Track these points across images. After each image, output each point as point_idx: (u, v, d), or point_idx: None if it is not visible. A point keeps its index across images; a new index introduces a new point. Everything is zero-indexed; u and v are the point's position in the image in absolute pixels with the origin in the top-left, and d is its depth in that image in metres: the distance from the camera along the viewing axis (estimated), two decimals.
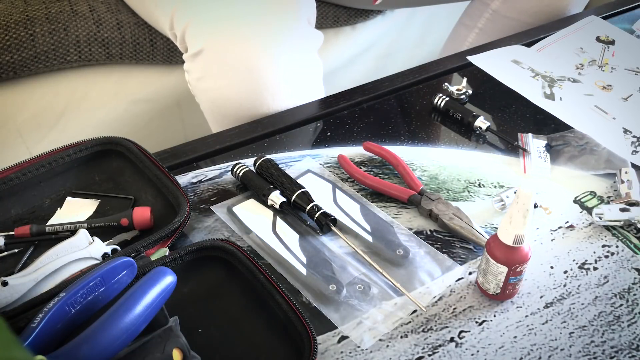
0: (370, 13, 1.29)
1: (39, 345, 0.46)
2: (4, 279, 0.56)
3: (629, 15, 1.13)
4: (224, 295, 0.60)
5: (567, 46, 1.01)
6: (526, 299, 0.61)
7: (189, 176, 0.75)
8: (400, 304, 0.60)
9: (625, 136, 0.83)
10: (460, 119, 0.84)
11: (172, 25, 0.87)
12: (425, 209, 0.69)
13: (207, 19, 0.83)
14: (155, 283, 0.49)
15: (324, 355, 0.56)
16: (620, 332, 0.59)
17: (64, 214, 0.68)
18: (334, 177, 0.75)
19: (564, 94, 0.90)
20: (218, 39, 0.81)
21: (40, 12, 0.99)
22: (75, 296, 0.49)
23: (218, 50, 0.82)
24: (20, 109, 1.03)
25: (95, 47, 1.03)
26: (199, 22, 0.83)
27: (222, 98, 0.85)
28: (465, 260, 0.65)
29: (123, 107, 1.10)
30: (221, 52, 0.81)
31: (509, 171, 0.77)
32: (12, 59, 0.97)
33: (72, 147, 0.71)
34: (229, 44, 0.81)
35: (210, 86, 0.85)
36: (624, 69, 0.97)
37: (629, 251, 0.67)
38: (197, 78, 0.86)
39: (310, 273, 0.62)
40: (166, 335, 0.50)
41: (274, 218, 0.69)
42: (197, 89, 0.88)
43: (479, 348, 0.57)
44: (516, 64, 0.95)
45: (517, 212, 0.54)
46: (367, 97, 0.89)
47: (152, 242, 0.62)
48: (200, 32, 0.83)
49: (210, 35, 0.82)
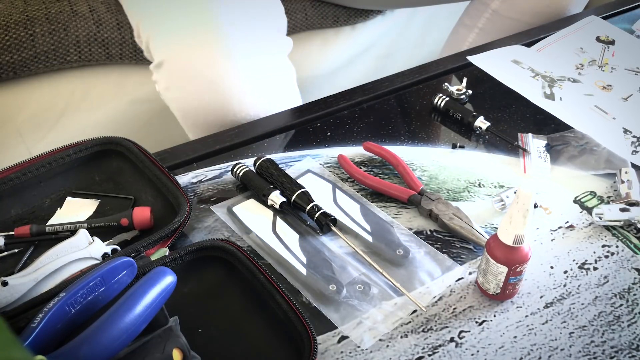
0: (370, 13, 1.29)
1: (39, 345, 0.46)
2: (4, 279, 0.56)
3: (629, 15, 1.13)
4: (224, 295, 0.60)
5: (567, 46, 1.01)
6: (526, 299, 0.61)
7: (189, 176, 0.75)
8: (400, 304, 0.60)
9: (625, 136, 0.83)
10: (460, 119, 0.84)
11: (139, 35, 0.89)
12: (425, 209, 0.69)
13: (167, 30, 0.83)
14: (155, 283, 0.49)
15: (324, 355, 0.56)
16: (620, 332, 0.59)
17: (64, 214, 0.68)
18: (334, 177, 0.75)
19: (564, 94, 0.90)
20: (178, 49, 0.82)
21: (40, 12, 0.99)
22: (75, 296, 0.49)
23: (179, 61, 0.82)
24: (20, 109, 1.03)
25: (95, 47, 1.03)
26: (160, 33, 0.84)
27: (188, 107, 0.86)
28: (465, 260, 0.65)
29: (123, 107, 1.10)
30: (182, 62, 0.82)
31: (509, 171, 0.77)
32: (12, 59, 0.97)
33: (72, 147, 0.71)
34: (189, 54, 0.81)
35: (176, 96, 0.86)
36: (624, 69, 0.97)
37: (629, 251, 0.67)
38: (164, 88, 0.87)
39: (310, 273, 0.62)
40: (166, 335, 0.50)
41: (274, 218, 0.69)
42: (166, 98, 0.88)
43: (479, 348, 0.57)
44: (516, 64, 0.95)
45: (517, 212, 0.54)
46: (367, 97, 0.89)
47: (152, 242, 0.62)
48: (161, 43, 0.84)
49: (170, 46, 0.83)
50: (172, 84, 0.85)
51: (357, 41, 1.32)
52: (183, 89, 0.84)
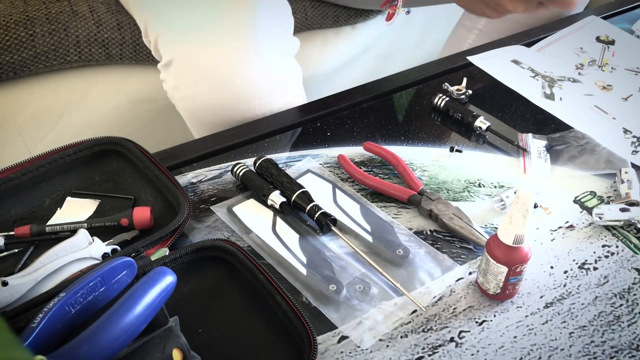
0: (370, 13, 1.29)
1: (39, 345, 0.46)
2: (4, 279, 0.56)
3: (629, 15, 1.13)
4: (224, 295, 0.60)
5: (567, 46, 1.01)
6: (526, 299, 0.61)
7: (189, 176, 0.75)
8: (400, 304, 0.60)
9: (625, 136, 0.83)
10: (460, 119, 0.84)
11: (147, 34, 0.88)
12: (425, 209, 0.69)
13: (177, 28, 0.83)
14: (155, 283, 0.49)
15: (324, 355, 0.56)
16: (620, 332, 0.59)
17: (64, 214, 0.68)
18: (334, 177, 0.75)
19: (564, 94, 0.90)
20: (188, 48, 0.82)
21: (40, 12, 0.99)
22: (75, 296, 0.49)
23: (189, 59, 0.82)
24: (20, 109, 1.03)
25: (95, 48, 1.03)
26: (170, 31, 0.83)
27: (197, 106, 0.85)
28: (465, 260, 0.65)
29: (123, 107, 1.10)
30: (192, 60, 0.82)
31: (509, 171, 0.77)
32: (12, 59, 0.97)
33: (72, 147, 0.71)
34: (199, 53, 0.81)
35: (185, 95, 0.85)
36: (624, 69, 0.97)
37: (629, 251, 0.67)
38: (172, 87, 0.86)
39: (310, 273, 0.62)
40: (166, 335, 0.50)
41: (274, 218, 0.69)
42: (174, 97, 0.88)
43: (479, 348, 0.57)
44: (516, 64, 0.95)
45: (517, 212, 0.54)
46: (367, 97, 0.89)
47: (152, 242, 0.62)
48: (171, 41, 0.83)
49: (180, 44, 0.82)
50: (181, 83, 0.84)
51: (357, 41, 1.32)
52: (192, 87, 0.83)
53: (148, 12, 0.87)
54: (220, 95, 0.82)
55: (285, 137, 0.82)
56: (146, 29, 0.87)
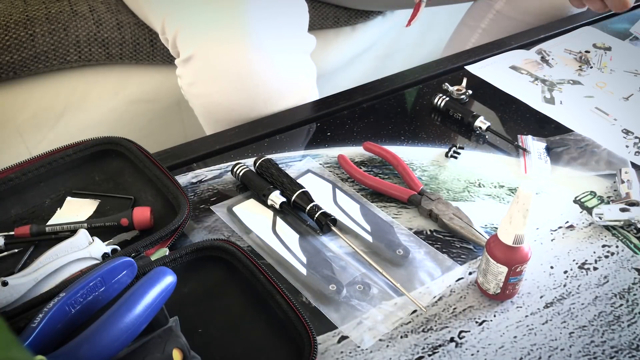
0: (370, 14, 1.29)
1: (39, 345, 0.46)
2: (4, 279, 0.56)
3: (628, 15, 1.13)
4: (224, 295, 0.60)
5: (565, 52, 1.01)
6: (526, 299, 0.61)
7: (189, 176, 0.75)
8: (400, 304, 0.60)
9: (626, 137, 0.83)
10: (460, 119, 0.84)
11: (164, 30, 0.87)
12: (425, 209, 0.69)
13: (197, 24, 0.82)
14: (155, 283, 0.49)
15: (324, 355, 0.56)
16: (620, 332, 0.59)
17: (64, 214, 0.68)
18: (334, 177, 0.75)
19: (564, 97, 0.90)
20: (208, 44, 0.81)
21: (40, 12, 0.99)
22: (75, 296, 0.49)
23: (208, 56, 0.82)
24: (20, 109, 1.03)
25: (95, 47, 1.03)
26: (189, 27, 0.83)
27: (214, 103, 0.85)
28: (465, 260, 0.65)
29: (123, 107, 1.10)
30: (211, 57, 0.81)
31: (509, 171, 0.77)
32: (12, 59, 0.97)
33: (72, 147, 0.71)
34: (219, 50, 0.81)
35: (202, 92, 0.85)
36: (622, 70, 0.97)
37: (629, 251, 0.67)
38: (189, 83, 0.86)
39: (310, 273, 0.62)
40: (166, 335, 0.50)
41: (274, 218, 0.69)
42: (189, 94, 0.88)
43: (479, 348, 0.57)
44: (514, 70, 0.95)
45: (517, 212, 0.54)
46: (367, 97, 0.89)
47: (152, 242, 0.62)
48: (190, 37, 0.83)
49: (200, 41, 0.82)
50: (198, 79, 0.84)
51: (357, 41, 1.32)
52: (210, 84, 0.83)
53: (166, 10, 0.86)
54: (238, 93, 0.82)
55: (286, 137, 0.82)
56: (164, 27, 0.86)
